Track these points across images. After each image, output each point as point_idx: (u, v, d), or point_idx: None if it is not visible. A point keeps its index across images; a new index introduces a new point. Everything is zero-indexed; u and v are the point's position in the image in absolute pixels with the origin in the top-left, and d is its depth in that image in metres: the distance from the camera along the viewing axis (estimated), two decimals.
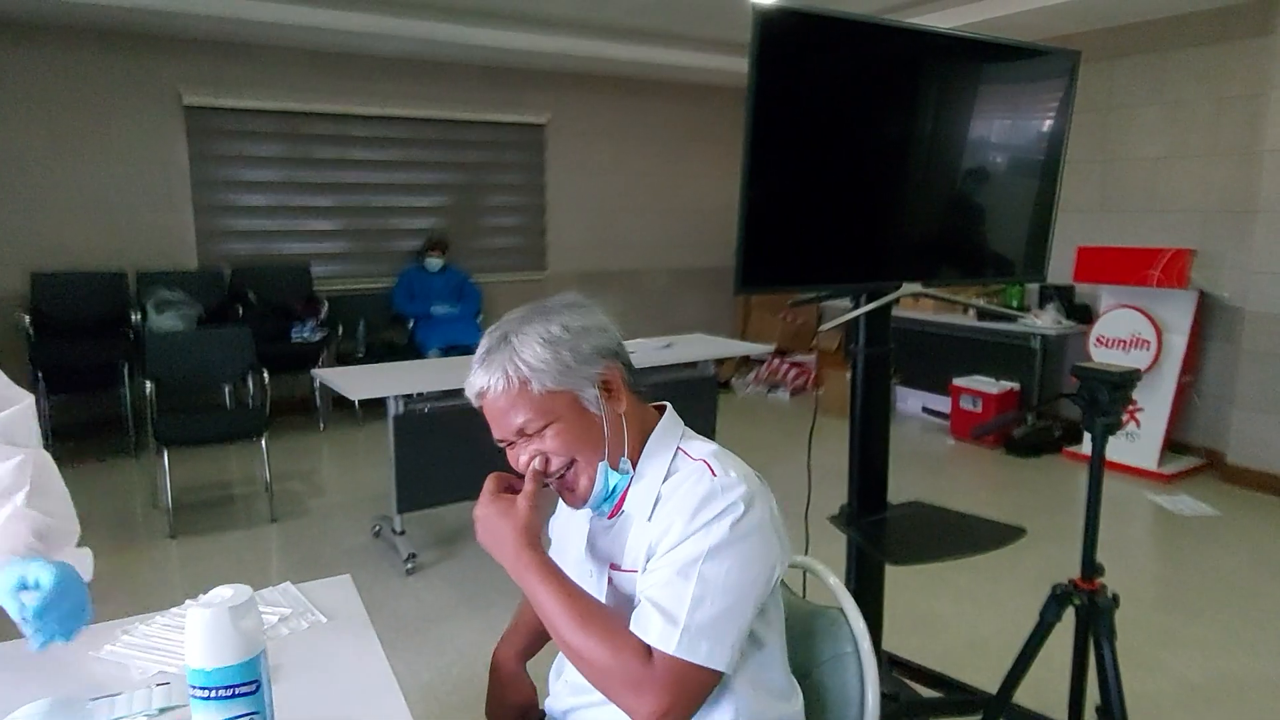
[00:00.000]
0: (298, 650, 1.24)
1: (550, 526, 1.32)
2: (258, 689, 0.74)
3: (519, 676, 1.37)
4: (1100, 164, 5.28)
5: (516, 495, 1.13)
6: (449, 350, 5.55)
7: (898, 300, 1.94)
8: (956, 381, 5.41)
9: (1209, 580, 3.37)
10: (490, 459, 1.24)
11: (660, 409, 1.23)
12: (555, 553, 1.25)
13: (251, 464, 4.83)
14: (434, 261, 6.05)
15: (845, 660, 1.23)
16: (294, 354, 5.39)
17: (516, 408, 1.11)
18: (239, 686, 0.73)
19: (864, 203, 1.84)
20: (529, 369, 1.10)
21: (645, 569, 1.09)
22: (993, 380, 5.27)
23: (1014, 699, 2.01)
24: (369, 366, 4.27)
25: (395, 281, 6.15)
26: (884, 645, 2.47)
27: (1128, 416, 4.73)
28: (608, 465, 1.14)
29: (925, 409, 5.89)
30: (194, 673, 0.72)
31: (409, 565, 3.38)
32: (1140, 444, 4.71)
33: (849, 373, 2.08)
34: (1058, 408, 5.46)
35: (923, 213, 1.95)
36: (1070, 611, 1.77)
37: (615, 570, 1.16)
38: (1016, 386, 5.22)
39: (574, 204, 6.99)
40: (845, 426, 2.06)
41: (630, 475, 1.16)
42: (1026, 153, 2.06)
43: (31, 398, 1.38)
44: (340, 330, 5.78)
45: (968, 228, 2.05)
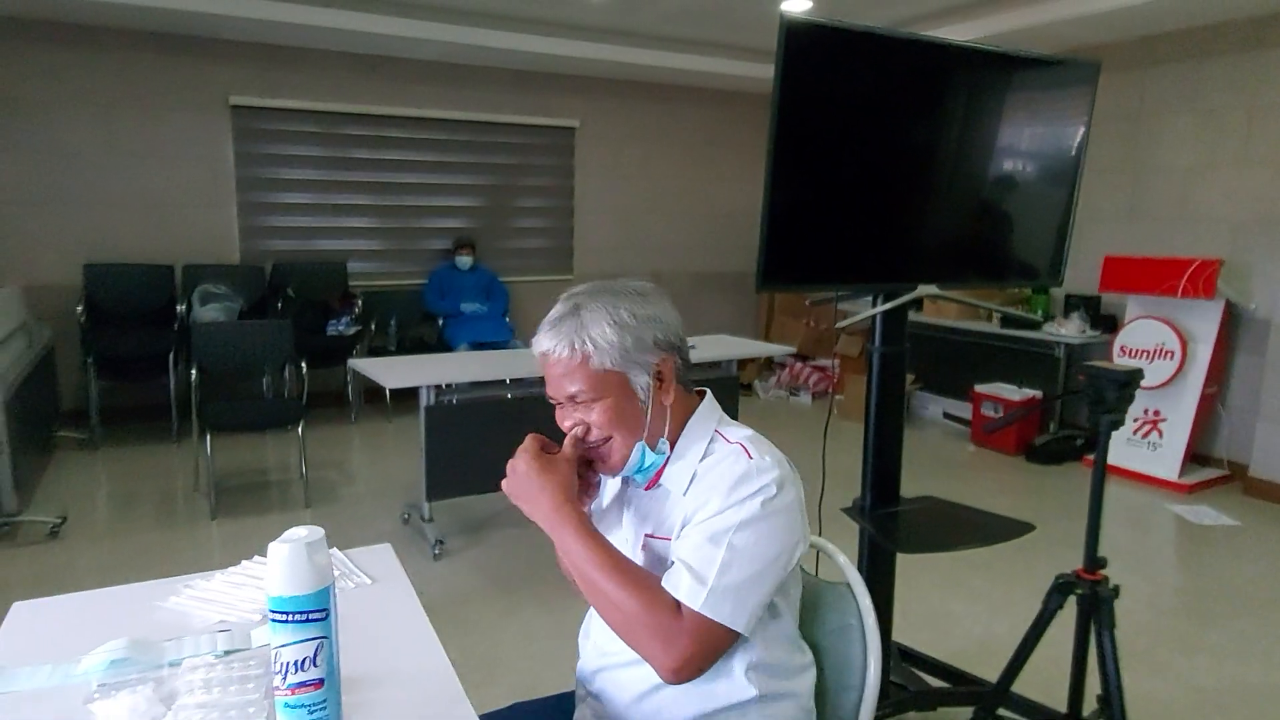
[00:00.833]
0: (346, 607, 1.34)
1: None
2: (327, 616, 0.85)
3: None
4: (1130, 173, 5.30)
5: (555, 455, 1.21)
6: (477, 346, 5.68)
7: (920, 303, 2.02)
8: (978, 388, 5.44)
9: (1225, 589, 3.40)
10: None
11: (701, 394, 1.30)
12: (595, 518, 1.32)
13: (287, 452, 4.99)
14: (464, 260, 6.20)
15: (850, 631, 1.32)
16: (329, 347, 5.55)
17: (573, 377, 1.18)
18: (312, 613, 0.84)
19: (882, 206, 1.92)
20: (592, 345, 1.17)
21: (679, 535, 1.17)
22: (1015, 387, 5.30)
23: (1020, 692, 2.09)
24: (402, 358, 4.42)
25: (427, 279, 6.30)
26: (898, 639, 2.55)
27: (1150, 426, 4.77)
28: (645, 445, 1.22)
29: (947, 415, 5.92)
30: (274, 599, 0.83)
31: (436, 550, 3.50)
32: (1162, 454, 4.72)
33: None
34: (1079, 417, 5.48)
35: (940, 217, 2.03)
36: (1073, 607, 1.82)
37: (650, 538, 1.24)
38: (1039, 394, 5.25)
39: (602, 207, 7.11)
40: (863, 429, 2.14)
41: (666, 456, 1.23)
42: (1045, 160, 2.13)
43: None
44: (373, 326, 5.95)
45: (985, 232, 2.13)
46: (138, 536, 3.71)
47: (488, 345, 5.61)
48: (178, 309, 5.39)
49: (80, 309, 5.19)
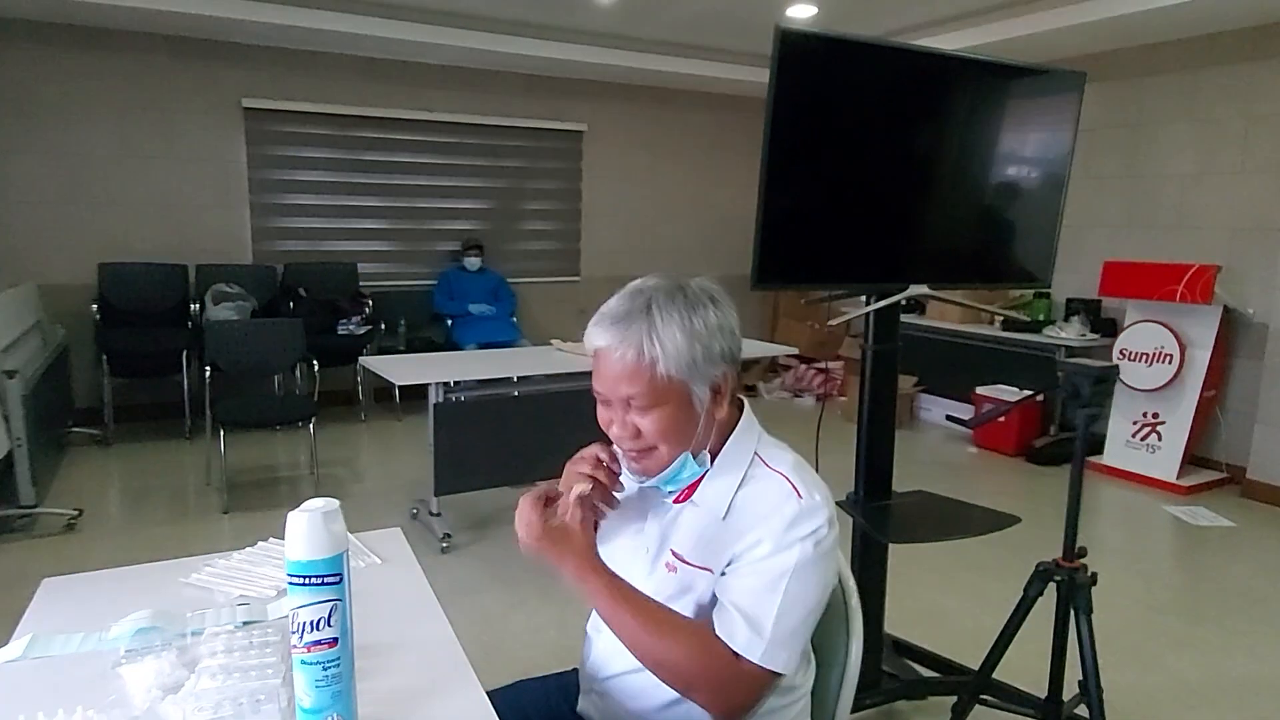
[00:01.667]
0: (358, 584, 1.40)
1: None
2: (341, 580, 0.92)
3: None
4: (1129, 180, 5.36)
5: (556, 508, 1.17)
6: (484, 347, 5.76)
7: (923, 306, 2.09)
8: (980, 390, 5.49)
9: (1217, 587, 3.45)
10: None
11: (739, 405, 1.26)
12: (606, 528, 1.32)
13: (298, 450, 5.08)
14: (472, 261, 6.29)
15: (835, 608, 1.38)
16: (340, 347, 5.64)
17: (634, 379, 1.12)
18: (327, 576, 0.91)
19: (873, 208, 1.99)
20: (661, 350, 1.11)
21: (730, 573, 1.14)
22: (1016, 390, 5.35)
23: (1008, 680, 2.15)
24: (411, 356, 4.50)
25: (436, 281, 6.40)
26: (894, 633, 2.61)
27: (1149, 429, 4.82)
28: (690, 456, 1.17)
29: (949, 417, 5.98)
30: (292, 564, 0.91)
31: (444, 544, 3.58)
32: (1160, 456, 4.77)
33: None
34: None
35: (930, 219, 2.10)
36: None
37: (680, 560, 1.19)
38: (1039, 397, 5.30)
39: (609, 210, 7.20)
40: (856, 425, 2.20)
41: (705, 468, 1.20)
42: (1032, 165, 2.20)
43: None
44: (383, 326, 6.04)
45: (974, 234, 2.20)
46: (151, 529, 3.80)
47: (495, 345, 5.70)
48: (191, 308, 5.49)
49: (95, 308, 5.30)
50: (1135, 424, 4.90)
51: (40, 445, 4.06)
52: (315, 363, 4.83)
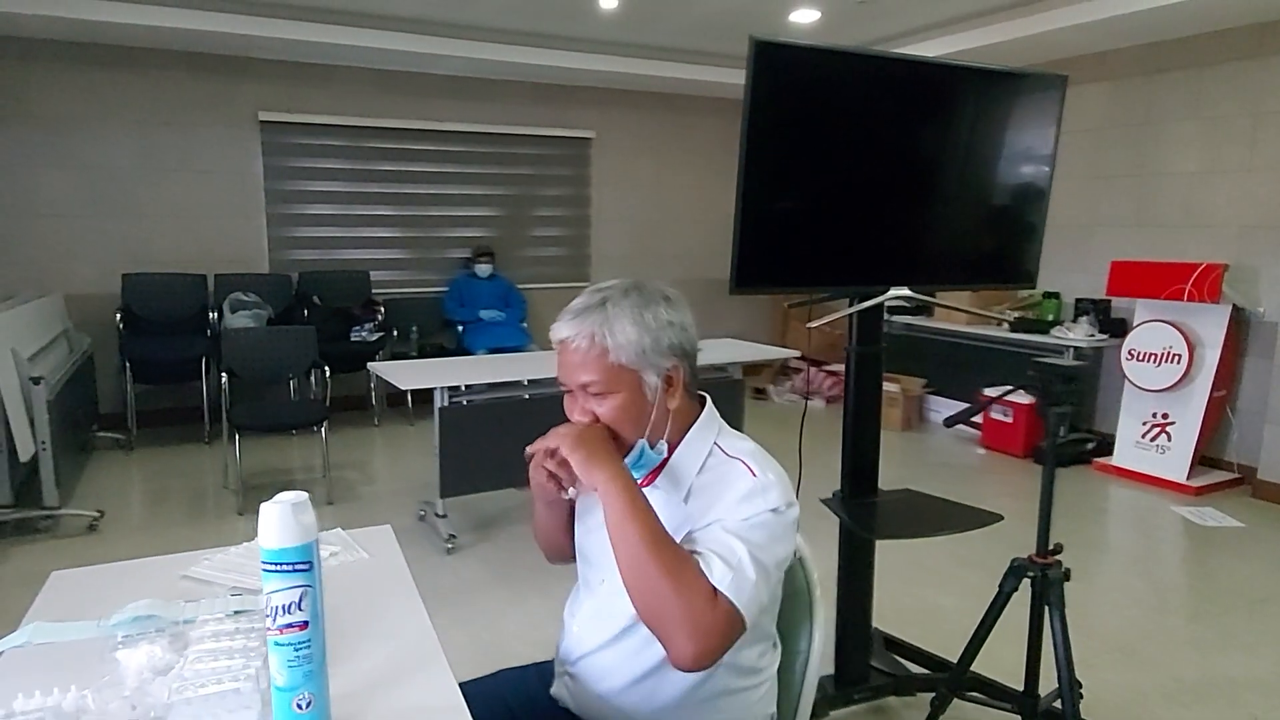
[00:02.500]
0: (344, 577, 1.51)
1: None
2: (311, 568, 0.99)
3: None
4: (1137, 178, 5.35)
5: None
6: (495, 352, 5.85)
7: (930, 309, 2.13)
8: (988, 392, 5.49)
9: (1218, 586, 3.45)
10: None
11: (702, 401, 1.34)
12: (583, 508, 1.41)
13: (311, 453, 5.19)
14: (483, 268, 6.39)
15: (799, 598, 1.44)
16: (353, 353, 5.75)
17: (588, 367, 1.22)
18: (297, 564, 0.97)
19: (852, 212, 2.04)
20: (612, 340, 1.20)
21: (695, 527, 1.20)
22: (1024, 391, 5.34)
23: (989, 674, 2.19)
24: (419, 362, 4.60)
25: (447, 288, 6.50)
26: (891, 631, 2.65)
27: (1158, 429, 4.81)
28: (646, 443, 1.25)
29: None
30: (265, 551, 0.97)
31: (449, 545, 3.66)
32: (1170, 457, 4.75)
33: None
34: (1092, 421, 5.53)
35: (911, 222, 2.15)
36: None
37: None
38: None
39: (617, 216, 7.28)
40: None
41: (663, 456, 1.27)
42: (1014, 167, 2.24)
43: None
44: (395, 333, 6.15)
45: (956, 236, 2.24)
46: (170, 530, 3.91)
47: (505, 351, 5.78)
48: (210, 316, 5.63)
49: (118, 316, 5.45)
50: (1145, 424, 4.89)
51: (65, 449, 4.19)
52: (327, 368, 4.93)
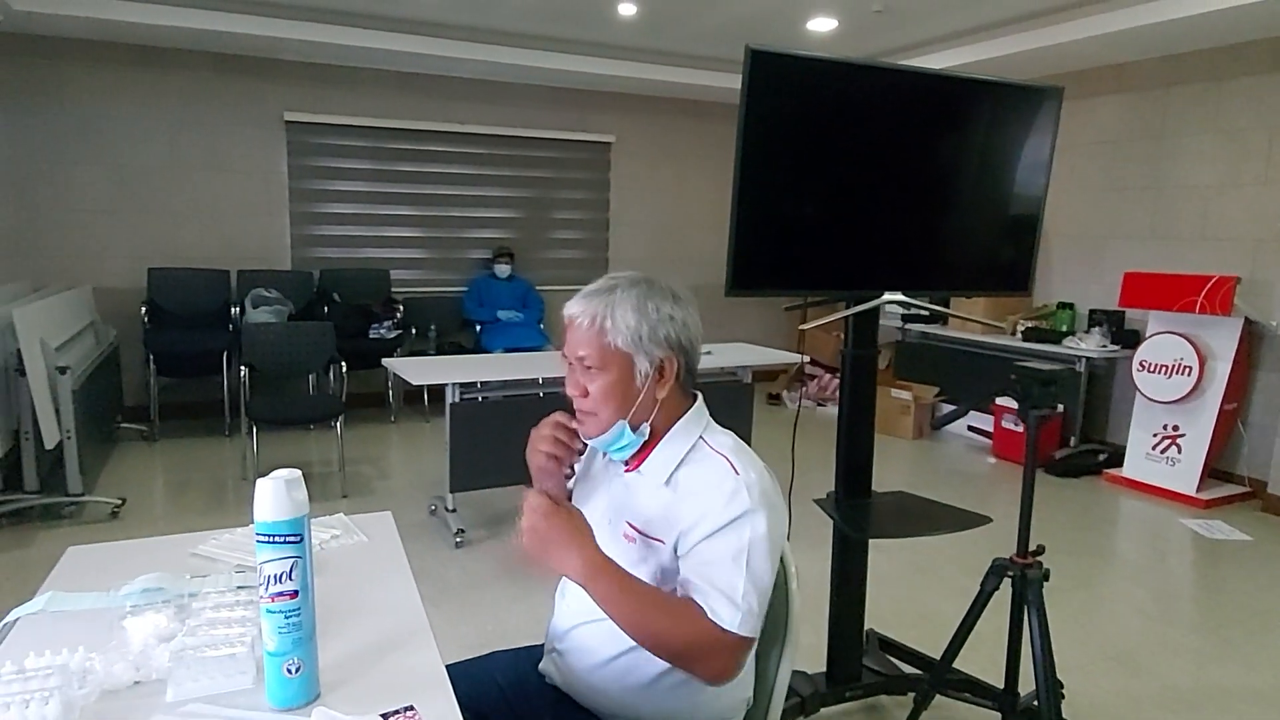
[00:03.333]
0: (343, 558, 1.58)
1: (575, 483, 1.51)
2: (301, 541, 1.06)
3: None
4: (1152, 191, 5.33)
5: (565, 505, 1.26)
6: (511, 352, 5.93)
7: (945, 318, 2.17)
8: (1000, 401, 5.50)
9: (1222, 599, 3.45)
10: None
11: (693, 397, 1.39)
12: (581, 495, 1.47)
13: (328, 448, 5.29)
14: (502, 268, 6.48)
15: (777, 589, 1.48)
16: (372, 351, 5.83)
17: (587, 343, 1.30)
18: (289, 536, 1.04)
19: (846, 217, 2.09)
20: (610, 322, 1.28)
21: (686, 549, 1.25)
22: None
23: (976, 674, 2.22)
24: (432, 359, 4.68)
25: (466, 288, 6.60)
26: (888, 633, 2.69)
27: (1169, 441, 4.80)
28: (627, 425, 1.31)
29: (970, 428, 5.99)
30: (259, 523, 1.04)
31: (458, 539, 3.74)
32: (1180, 469, 4.74)
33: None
34: (1104, 432, 5.52)
35: (904, 228, 2.19)
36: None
37: (636, 531, 1.32)
38: (1060, 408, 5.29)
39: (636, 219, 7.35)
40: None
41: (644, 439, 1.33)
42: (1010, 176, 2.27)
43: None
44: (414, 331, 6.25)
45: (950, 243, 2.27)
46: (189, 519, 4.03)
47: (522, 351, 5.86)
48: (232, 311, 5.76)
49: (143, 310, 5.59)
50: (1155, 436, 4.88)
51: (89, 438, 4.31)
52: (345, 365, 5.04)
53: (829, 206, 2.05)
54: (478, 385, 3.91)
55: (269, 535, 1.04)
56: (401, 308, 6.22)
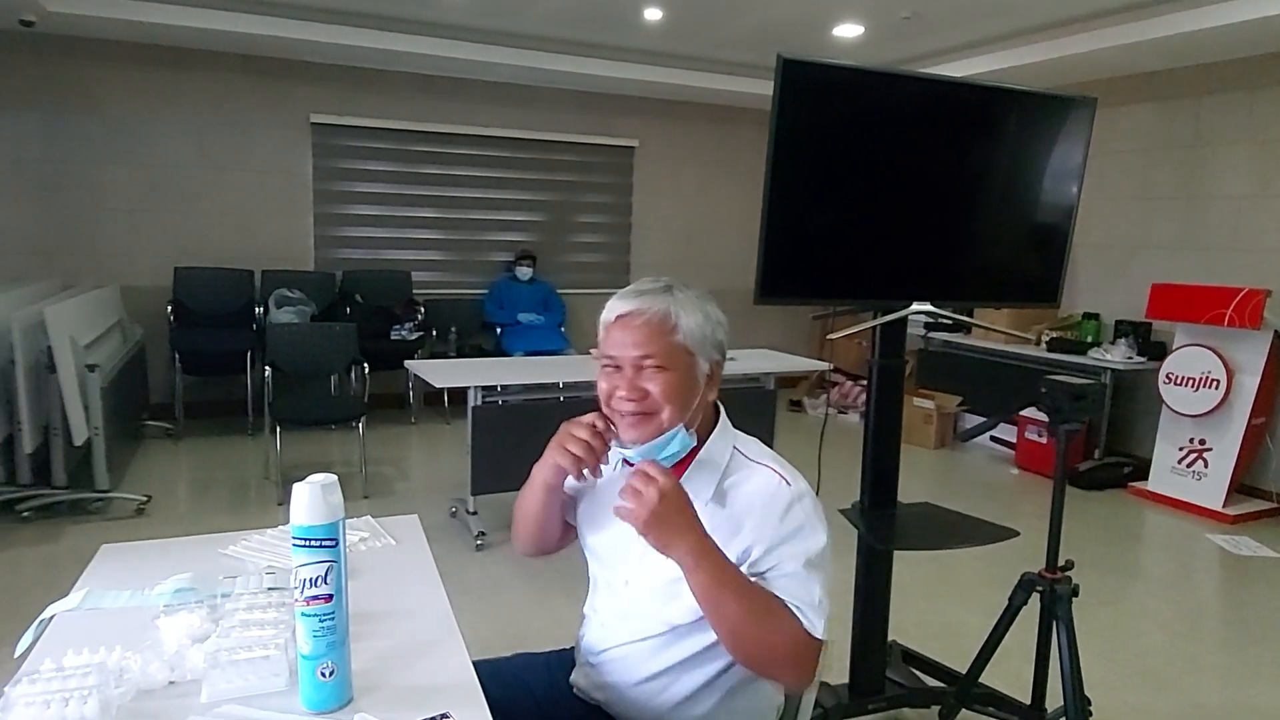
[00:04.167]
0: (372, 560, 1.59)
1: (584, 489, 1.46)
2: (336, 545, 1.06)
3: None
4: (1183, 200, 5.27)
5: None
6: (532, 355, 5.95)
7: (968, 327, 2.15)
8: (1023, 412, 5.45)
9: (1249, 616, 3.40)
10: None
11: (716, 408, 1.37)
12: (589, 509, 1.44)
13: (349, 448, 5.33)
14: (524, 271, 6.50)
15: None
16: (393, 352, 5.88)
17: (654, 340, 1.24)
18: (324, 540, 1.05)
19: (875, 226, 2.08)
20: (682, 319, 1.25)
21: (756, 564, 1.22)
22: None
23: (1001, 689, 2.20)
24: (455, 361, 4.70)
25: (488, 290, 6.62)
26: (911, 645, 2.67)
27: (1195, 456, 4.73)
28: (684, 427, 1.26)
29: (992, 438, 5.94)
30: (295, 527, 1.05)
31: (479, 542, 3.75)
32: (1206, 484, 4.67)
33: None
34: (1129, 445, 5.46)
35: (934, 238, 2.17)
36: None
37: None
38: (1084, 420, 5.23)
39: (659, 224, 7.35)
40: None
41: (693, 444, 1.28)
42: (1040, 187, 2.25)
43: None
44: (435, 333, 6.28)
45: (980, 253, 2.26)
46: (213, 517, 4.07)
47: (542, 354, 5.87)
48: (256, 311, 5.81)
49: (169, 309, 5.65)
50: (1181, 450, 4.81)
51: (116, 435, 4.36)
52: (367, 366, 5.08)
53: (859, 215, 2.04)
54: (498, 388, 3.92)
55: (305, 539, 1.05)
56: (423, 309, 6.25)
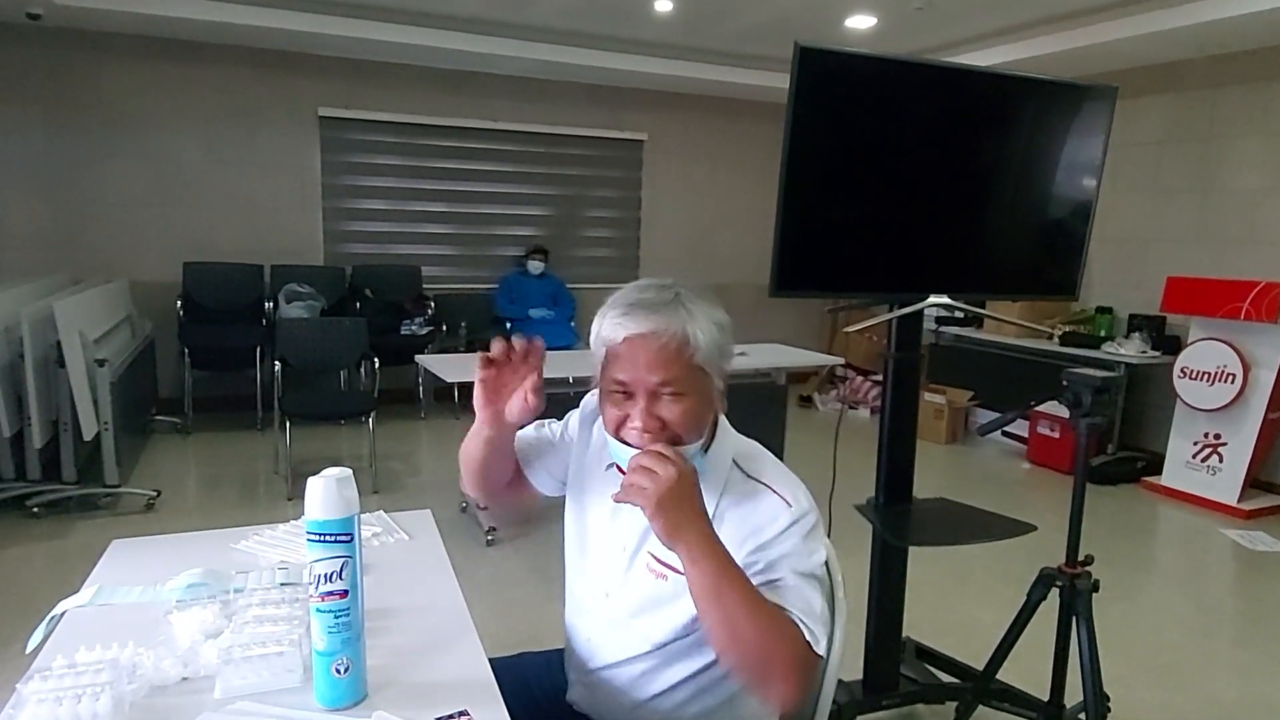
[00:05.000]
0: (386, 555, 1.57)
1: (572, 469, 1.39)
2: (351, 540, 1.04)
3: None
4: (1198, 194, 5.22)
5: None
6: None
7: (981, 320, 2.13)
8: (1040, 406, 5.40)
9: (1265, 611, 3.37)
10: None
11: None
12: (575, 484, 1.38)
13: (359, 443, 5.31)
14: (535, 265, 6.48)
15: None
16: (403, 346, 5.86)
17: (672, 366, 1.11)
18: (339, 535, 1.03)
19: (892, 218, 2.05)
20: (700, 338, 1.12)
21: (751, 575, 1.13)
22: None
23: (1018, 684, 2.18)
24: (465, 355, 4.68)
25: (498, 285, 6.60)
26: (924, 641, 2.64)
27: (1210, 450, 4.69)
28: (701, 449, 1.18)
29: (1004, 433, 5.90)
30: (310, 523, 1.03)
31: (489, 538, 3.74)
32: (1221, 478, 4.63)
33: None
34: (1143, 440, 5.41)
35: (952, 230, 2.14)
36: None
37: (668, 568, 1.20)
38: (1106, 415, 5.18)
39: (668, 218, 7.32)
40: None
41: (702, 466, 1.19)
42: (1060, 179, 2.21)
43: None
44: (444, 328, 6.27)
45: (997, 246, 2.23)
46: (222, 512, 4.06)
47: (552, 349, 5.84)
48: (265, 306, 5.81)
49: (178, 304, 5.65)
50: (1196, 445, 4.77)
51: (125, 430, 4.36)
52: (377, 360, 5.07)
53: (876, 207, 2.02)
54: None
55: (320, 534, 1.03)
56: (432, 304, 6.24)
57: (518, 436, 1.42)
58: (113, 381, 4.04)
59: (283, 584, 1.41)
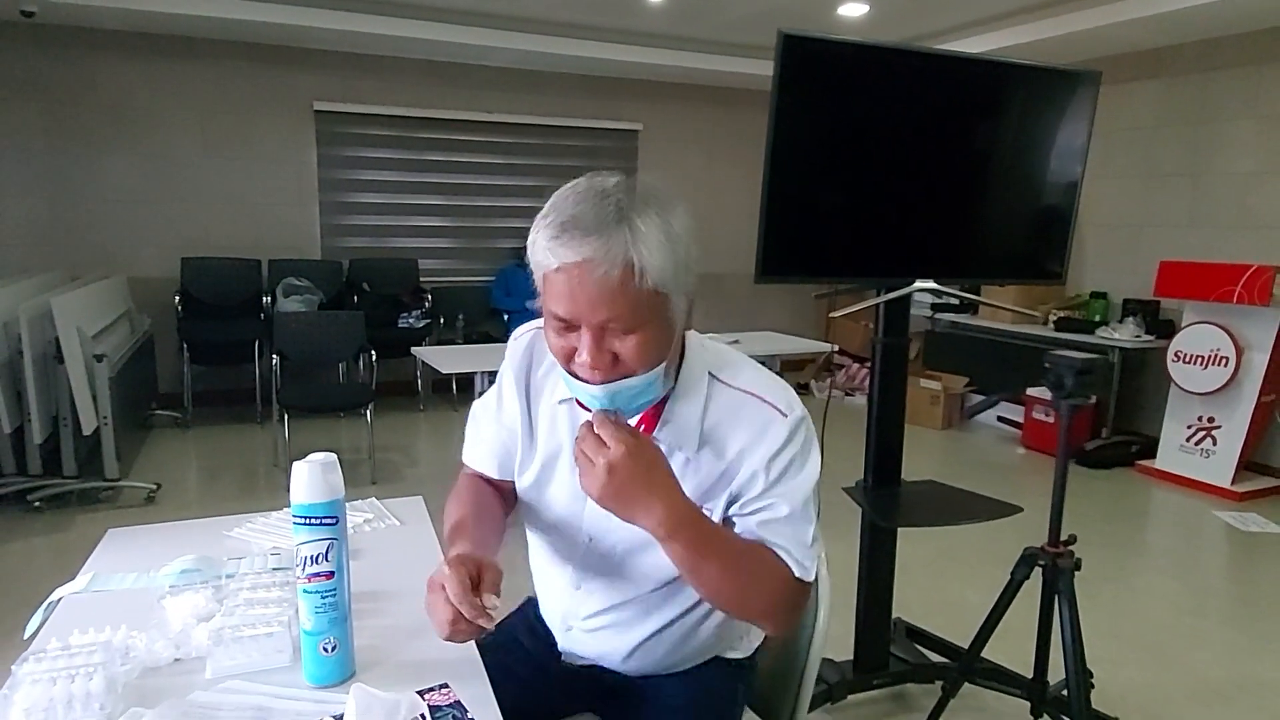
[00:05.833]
0: (376, 541, 1.60)
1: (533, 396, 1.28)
2: (337, 523, 1.07)
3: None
4: (1190, 178, 5.23)
5: (651, 437, 1.07)
6: None
7: (975, 306, 2.15)
8: (1031, 391, 5.44)
9: (1256, 592, 3.40)
10: None
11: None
12: (555, 459, 1.26)
13: (358, 435, 5.35)
14: None
15: None
16: (400, 339, 5.89)
17: (616, 299, 0.96)
18: (324, 518, 1.06)
19: (878, 204, 2.07)
20: (648, 262, 0.96)
21: (746, 505, 1.11)
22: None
23: (1005, 663, 2.21)
24: (462, 347, 4.72)
25: (495, 277, 6.63)
26: (915, 623, 2.68)
27: (1204, 433, 4.72)
28: (660, 374, 1.05)
29: (1000, 418, 5.93)
30: (296, 505, 1.06)
31: None
32: (1215, 461, 4.66)
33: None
34: (1137, 424, 5.44)
35: (937, 215, 2.17)
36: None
37: None
38: (1092, 399, 5.22)
39: None
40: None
41: (669, 387, 1.10)
42: (1044, 163, 2.24)
43: None
44: (442, 320, 6.29)
45: (983, 231, 2.25)
46: (221, 505, 4.10)
47: None
48: (263, 300, 5.83)
49: (177, 299, 5.67)
50: (1189, 428, 4.80)
51: (125, 425, 4.40)
52: (374, 353, 5.10)
53: (861, 193, 2.04)
54: None
55: (305, 517, 1.06)
56: (430, 297, 6.26)
57: (490, 454, 1.43)
58: (111, 376, 4.07)
59: (275, 569, 1.44)
